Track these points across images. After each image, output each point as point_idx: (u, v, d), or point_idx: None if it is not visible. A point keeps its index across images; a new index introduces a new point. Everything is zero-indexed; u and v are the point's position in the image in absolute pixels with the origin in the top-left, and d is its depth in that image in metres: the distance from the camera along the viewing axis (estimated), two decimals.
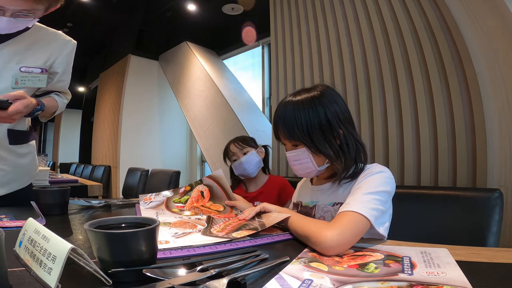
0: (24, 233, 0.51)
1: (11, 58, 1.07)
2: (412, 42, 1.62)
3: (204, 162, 4.82)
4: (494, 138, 1.33)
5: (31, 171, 1.24)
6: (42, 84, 1.14)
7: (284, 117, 0.81)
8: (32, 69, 1.10)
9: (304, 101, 0.80)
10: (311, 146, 0.78)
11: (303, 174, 0.84)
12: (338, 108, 0.80)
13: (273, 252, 0.61)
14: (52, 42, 1.17)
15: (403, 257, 0.56)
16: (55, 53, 1.16)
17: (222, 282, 0.42)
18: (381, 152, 1.73)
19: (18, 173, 1.17)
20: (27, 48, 1.10)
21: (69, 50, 1.20)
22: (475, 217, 0.98)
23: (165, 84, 4.69)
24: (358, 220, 0.64)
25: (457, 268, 0.49)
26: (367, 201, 0.67)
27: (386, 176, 0.75)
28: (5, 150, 1.12)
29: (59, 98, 1.23)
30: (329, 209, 0.83)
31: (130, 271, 0.44)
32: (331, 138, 0.79)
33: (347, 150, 0.79)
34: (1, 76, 1.05)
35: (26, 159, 1.20)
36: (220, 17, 3.48)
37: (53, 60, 1.15)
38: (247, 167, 1.36)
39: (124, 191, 3.13)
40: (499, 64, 1.32)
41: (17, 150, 1.16)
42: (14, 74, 1.07)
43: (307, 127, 0.78)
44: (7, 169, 1.13)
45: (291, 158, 0.83)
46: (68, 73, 1.23)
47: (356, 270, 0.51)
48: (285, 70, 2.34)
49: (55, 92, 1.24)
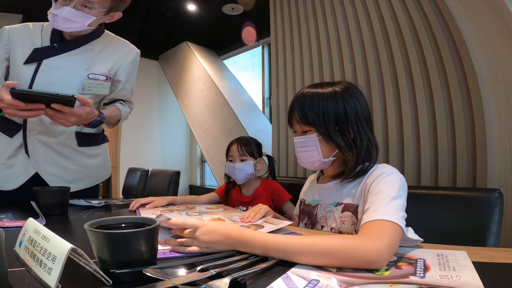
0: (24, 233, 0.51)
1: (81, 65, 1.11)
2: (412, 42, 1.62)
3: (204, 162, 4.82)
4: (494, 138, 1.33)
5: (99, 172, 1.29)
6: (105, 92, 1.18)
7: (302, 101, 0.80)
8: (98, 76, 1.14)
9: (326, 93, 0.79)
10: (323, 132, 0.77)
11: (307, 163, 0.82)
12: (358, 105, 0.79)
13: None
14: (117, 50, 1.21)
15: (417, 259, 0.55)
16: (119, 61, 1.19)
17: (224, 282, 0.42)
18: (381, 152, 1.72)
19: (84, 173, 1.22)
20: (95, 55, 1.15)
21: (132, 59, 1.23)
22: (475, 217, 0.97)
23: (165, 84, 4.69)
24: (396, 230, 0.58)
25: (473, 272, 0.48)
26: (396, 208, 0.62)
27: (402, 178, 0.72)
28: (74, 151, 1.18)
29: (123, 107, 1.26)
30: (331, 209, 0.81)
31: (130, 271, 0.44)
32: (345, 130, 0.78)
33: (360, 145, 0.77)
34: (71, 82, 1.10)
35: (95, 160, 1.24)
36: (220, 17, 3.48)
37: (117, 68, 1.19)
38: (237, 174, 1.34)
39: (124, 191, 3.12)
40: (499, 64, 1.32)
41: (86, 152, 1.21)
42: (82, 81, 1.11)
43: (323, 114, 0.77)
44: (75, 168, 1.18)
45: (297, 144, 0.82)
46: (130, 81, 1.26)
47: (366, 271, 0.50)
48: (285, 70, 2.34)
49: (120, 100, 1.27)
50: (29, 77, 1.06)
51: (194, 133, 3.99)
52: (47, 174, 1.13)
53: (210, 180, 4.74)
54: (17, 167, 1.10)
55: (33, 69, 1.06)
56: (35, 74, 1.06)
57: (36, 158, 1.11)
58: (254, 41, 3.78)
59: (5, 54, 1.06)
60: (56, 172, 1.15)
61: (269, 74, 3.63)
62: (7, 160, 1.09)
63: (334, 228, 0.80)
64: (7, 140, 1.10)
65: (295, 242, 0.54)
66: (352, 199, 0.77)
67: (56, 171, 1.15)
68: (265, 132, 3.19)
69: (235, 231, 0.58)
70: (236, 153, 1.36)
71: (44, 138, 1.12)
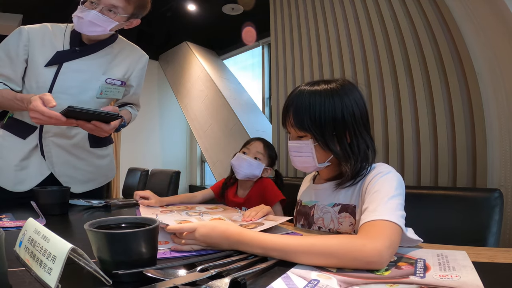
0: (24, 233, 0.51)
1: (99, 69, 1.14)
2: (412, 42, 1.62)
3: (204, 162, 4.82)
4: (494, 138, 1.33)
5: (108, 172, 1.32)
6: (119, 96, 1.22)
7: (296, 103, 0.76)
8: (115, 81, 1.17)
9: (322, 91, 0.75)
10: (320, 139, 0.74)
11: (301, 167, 0.80)
12: (355, 106, 0.75)
13: None
14: (130, 55, 1.24)
15: (417, 259, 0.55)
16: (132, 67, 1.23)
17: (224, 282, 0.42)
18: (381, 152, 1.72)
19: (96, 173, 1.25)
20: (112, 60, 1.18)
21: (143, 65, 1.28)
22: (475, 217, 0.97)
23: (165, 84, 4.69)
24: (396, 230, 0.58)
25: (473, 272, 0.48)
26: (394, 208, 0.62)
27: (399, 177, 0.71)
28: (86, 152, 1.21)
29: (132, 111, 1.31)
30: (328, 210, 0.80)
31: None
32: (342, 135, 0.74)
33: (357, 152, 0.75)
34: (90, 86, 1.13)
35: (104, 161, 1.28)
36: (220, 17, 3.47)
37: (130, 73, 1.23)
38: (244, 167, 1.29)
39: (124, 191, 3.12)
40: (499, 64, 1.32)
41: (97, 152, 1.24)
42: (101, 85, 1.14)
43: (320, 118, 0.73)
44: (87, 169, 1.22)
45: (292, 149, 0.79)
46: (140, 86, 1.31)
47: (366, 271, 0.50)
48: (285, 70, 2.34)
49: (129, 104, 1.31)
50: (49, 80, 1.06)
51: (194, 133, 3.99)
52: (62, 175, 1.15)
53: (210, 180, 4.74)
54: (31, 169, 1.11)
55: (53, 71, 1.07)
56: (55, 76, 1.07)
57: (51, 160, 1.12)
58: (254, 41, 3.77)
59: (25, 55, 1.06)
60: (70, 172, 1.17)
61: (269, 74, 3.63)
62: (20, 162, 1.09)
63: (332, 229, 0.79)
64: (20, 142, 1.10)
65: (295, 242, 0.54)
66: (349, 200, 0.77)
67: (70, 172, 1.17)
68: (265, 132, 3.19)
69: (235, 231, 0.58)
70: (255, 148, 1.32)
71: (59, 140, 1.13)
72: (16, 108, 1.01)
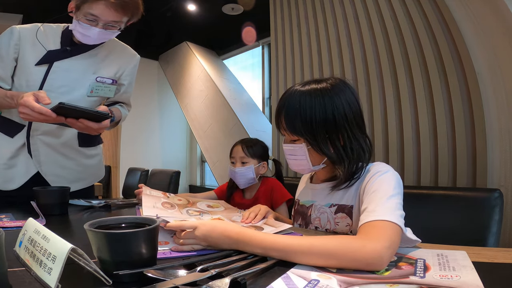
0: (24, 233, 0.51)
1: (89, 68, 1.15)
2: (412, 42, 1.62)
3: (204, 162, 4.82)
4: (494, 138, 1.33)
5: (97, 171, 1.33)
6: (111, 94, 1.23)
7: (288, 106, 0.75)
8: (105, 79, 1.18)
9: (312, 92, 0.74)
10: (313, 143, 0.73)
11: (297, 169, 0.81)
12: (347, 106, 0.73)
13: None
14: (122, 55, 1.25)
15: (417, 259, 0.55)
16: (124, 66, 1.24)
17: (224, 282, 0.42)
18: (381, 152, 1.72)
19: (84, 173, 1.25)
20: (103, 59, 1.19)
21: (134, 64, 1.29)
22: (475, 217, 0.98)
23: (165, 84, 4.69)
24: (395, 230, 0.57)
25: (473, 272, 0.48)
26: (394, 207, 0.61)
27: (397, 176, 0.71)
28: (75, 151, 1.21)
29: (123, 109, 1.30)
30: (325, 210, 0.80)
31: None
32: (335, 137, 0.73)
33: (351, 154, 0.73)
34: (80, 85, 1.14)
35: (93, 161, 1.28)
36: (220, 17, 3.47)
37: (121, 72, 1.24)
38: (238, 178, 1.31)
39: (124, 191, 3.13)
40: (499, 64, 1.32)
41: (86, 152, 1.24)
42: (91, 84, 1.15)
43: (311, 120, 0.72)
44: (75, 168, 1.22)
45: (286, 151, 0.79)
46: (132, 85, 1.31)
47: (366, 271, 0.50)
48: (285, 70, 2.34)
49: (120, 103, 1.31)
50: (39, 78, 1.07)
51: (194, 133, 3.99)
52: (49, 174, 1.14)
53: (210, 180, 4.74)
54: (19, 167, 1.11)
55: (44, 70, 1.07)
56: (46, 75, 1.07)
57: (38, 158, 1.12)
58: (254, 41, 3.77)
59: (15, 54, 1.07)
60: (58, 172, 1.16)
61: (269, 74, 3.63)
62: (8, 160, 1.10)
63: (328, 229, 0.79)
64: (8, 141, 1.10)
65: (294, 242, 0.53)
66: (346, 200, 0.76)
67: (57, 171, 1.16)
68: (265, 132, 3.19)
69: (235, 231, 0.58)
70: (238, 154, 1.33)
71: (48, 139, 1.13)
72: (5, 105, 1.01)
